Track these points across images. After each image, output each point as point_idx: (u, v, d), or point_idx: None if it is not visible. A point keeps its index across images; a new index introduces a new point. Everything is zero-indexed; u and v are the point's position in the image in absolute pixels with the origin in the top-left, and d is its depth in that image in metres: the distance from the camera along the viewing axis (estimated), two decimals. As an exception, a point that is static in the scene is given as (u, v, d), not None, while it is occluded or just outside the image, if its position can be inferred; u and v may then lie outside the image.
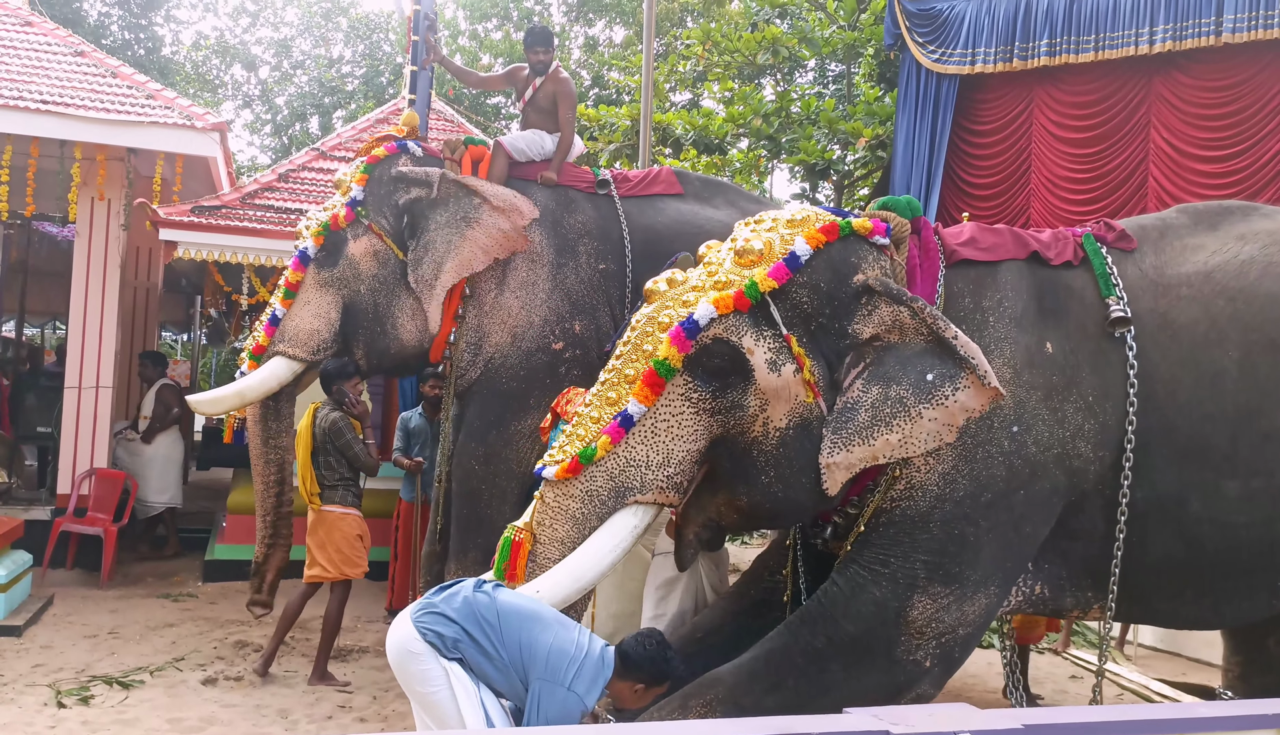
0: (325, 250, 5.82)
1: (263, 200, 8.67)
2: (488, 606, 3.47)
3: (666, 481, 3.79)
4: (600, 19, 21.87)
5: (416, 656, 3.46)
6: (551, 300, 5.91)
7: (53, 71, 8.53)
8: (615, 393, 3.84)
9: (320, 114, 23.29)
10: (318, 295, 5.83)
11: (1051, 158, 9.65)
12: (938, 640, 3.90)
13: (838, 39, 13.33)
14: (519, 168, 6.20)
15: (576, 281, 5.97)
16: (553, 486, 3.78)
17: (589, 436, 3.79)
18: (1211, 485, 4.07)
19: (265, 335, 5.78)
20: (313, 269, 5.83)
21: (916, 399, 3.67)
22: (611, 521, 3.76)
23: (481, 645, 3.43)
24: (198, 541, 9.21)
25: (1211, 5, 8.68)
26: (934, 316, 3.70)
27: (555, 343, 5.87)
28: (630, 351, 3.89)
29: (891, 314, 3.78)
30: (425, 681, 3.45)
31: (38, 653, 6.21)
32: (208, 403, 6.10)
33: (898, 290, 3.78)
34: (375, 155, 6.02)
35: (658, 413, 3.78)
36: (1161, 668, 7.11)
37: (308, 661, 6.27)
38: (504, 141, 6.20)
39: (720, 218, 6.14)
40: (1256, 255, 4.27)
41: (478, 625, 3.44)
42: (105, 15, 21.59)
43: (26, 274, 11.23)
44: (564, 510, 3.75)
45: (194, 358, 17.34)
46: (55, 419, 8.91)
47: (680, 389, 3.80)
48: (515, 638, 3.42)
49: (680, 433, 3.79)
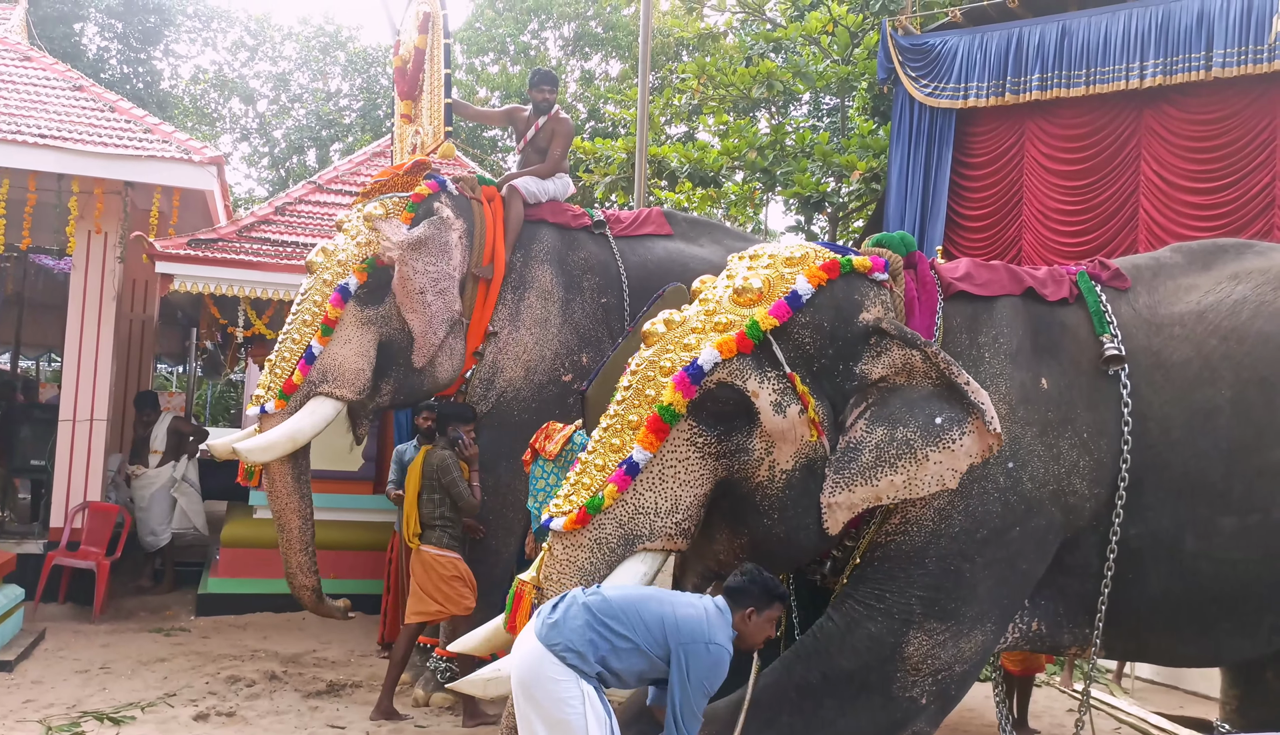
0: (368, 287, 5.78)
1: (259, 233, 8.69)
2: (606, 605, 3.49)
3: (675, 528, 3.77)
4: (596, 53, 22.06)
5: (556, 681, 3.40)
6: (562, 334, 6.18)
7: (51, 106, 8.58)
8: (619, 439, 3.80)
9: (318, 147, 23.42)
10: (359, 332, 5.77)
11: (1043, 190, 9.72)
12: (934, 677, 3.88)
13: (832, 73, 13.46)
14: (529, 209, 6.45)
15: (583, 316, 6.25)
16: (561, 539, 3.76)
17: (595, 485, 3.76)
18: (1207, 522, 4.07)
19: (301, 373, 5.66)
20: (353, 305, 5.75)
21: (924, 442, 3.66)
22: (621, 570, 3.74)
23: (615, 644, 3.43)
24: (190, 576, 9.16)
25: (1201, 40, 8.77)
26: (947, 361, 3.70)
27: (565, 375, 6.14)
28: (632, 397, 3.85)
29: (903, 357, 3.77)
30: (561, 705, 3.39)
31: (29, 688, 6.16)
32: (260, 449, 5.64)
33: (911, 334, 3.78)
34: (419, 194, 6.06)
35: (664, 459, 3.76)
36: (1159, 701, 7.07)
37: (301, 696, 6.22)
38: (518, 185, 6.44)
39: (705, 255, 6.54)
40: (1249, 295, 4.30)
41: (606, 625, 3.44)
42: (104, 49, 21.75)
43: (23, 306, 11.24)
44: (572, 562, 3.73)
45: (189, 390, 17.32)
46: (49, 452, 8.88)
47: (685, 434, 3.78)
48: (648, 618, 3.46)
49: (687, 478, 3.78)
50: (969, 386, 3.65)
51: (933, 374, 3.73)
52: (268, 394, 5.71)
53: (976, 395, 3.64)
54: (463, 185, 6.32)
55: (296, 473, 5.80)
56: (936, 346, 3.77)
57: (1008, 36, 9.77)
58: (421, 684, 6.18)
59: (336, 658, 7.17)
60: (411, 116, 7.09)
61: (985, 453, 3.66)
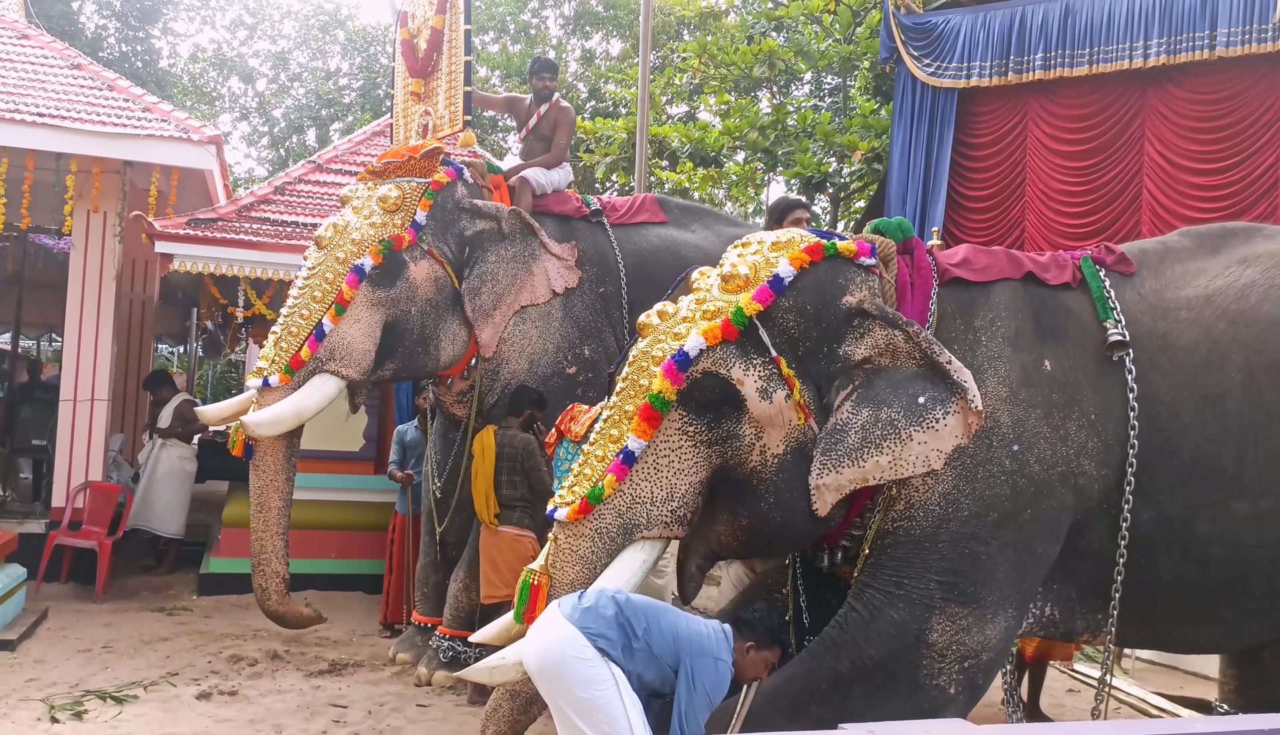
0: (382, 270, 5.78)
1: (259, 213, 8.66)
2: (630, 604, 3.57)
3: (671, 516, 3.83)
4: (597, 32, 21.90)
5: (585, 662, 3.42)
6: (564, 327, 6.25)
7: (49, 84, 8.54)
8: (617, 430, 3.88)
9: (317, 126, 23.31)
10: (368, 313, 5.75)
11: (1046, 171, 9.67)
12: (960, 664, 3.88)
13: (833, 52, 13.38)
14: (535, 200, 6.52)
15: (583, 308, 6.32)
16: (564, 528, 3.84)
17: (595, 475, 3.84)
18: (1220, 506, 4.05)
19: (309, 349, 5.61)
20: (366, 286, 5.73)
21: (908, 422, 3.68)
22: (621, 559, 3.81)
23: (633, 644, 3.49)
24: (193, 555, 9.18)
25: (1205, 19, 8.71)
26: (928, 341, 3.72)
27: (569, 367, 6.22)
28: (628, 387, 3.93)
29: (886, 337, 3.80)
30: (590, 685, 3.40)
31: (31, 667, 6.18)
32: (266, 423, 5.52)
33: (892, 314, 3.80)
34: (438, 181, 6.05)
35: (658, 448, 3.82)
36: (1159, 681, 7.10)
37: (303, 675, 6.25)
38: (529, 176, 6.52)
39: (697, 241, 6.71)
40: (1258, 279, 4.27)
41: (630, 623, 3.51)
42: (103, 27, 21.62)
43: (23, 286, 11.22)
44: (575, 552, 3.81)
45: (190, 370, 17.33)
46: (50, 431, 8.88)
47: (677, 424, 3.84)
48: (664, 627, 3.54)
49: (681, 466, 3.83)
50: (951, 365, 3.67)
51: (916, 354, 3.75)
52: (272, 367, 5.61)
53: (959, 374, 3.66)
54: (474, 172, 6.33)
55: (288, 451, 5.73)
56: (919, 327, 3.77)
57: (1010, 15, 9.70)
58: (424, 663, 6.21)
59: (338, 637, 7.19)
60: (421, 95, 7.03)
61: (969, 432, 3.67)
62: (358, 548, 8.50)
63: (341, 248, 5.78)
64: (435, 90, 6.88)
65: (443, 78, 6.78)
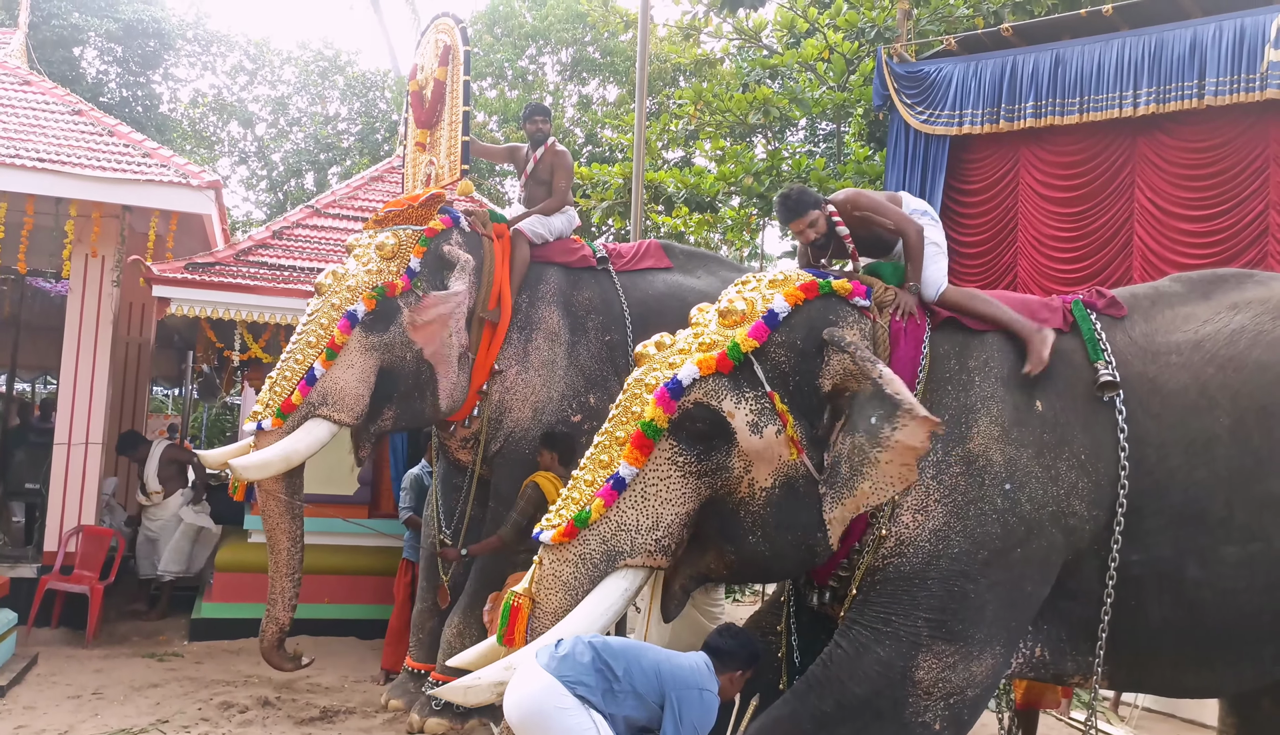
0: (375, 315, 5.81)
1: (256, 257, 8.70)
2: (608, 647, 3.63)
3: (655, 545, 3.84)
4: (594, 78, 22.16)
5: (565, 710, 3.46)
6: (569, 376, 6.30)
7: (50, 129, 8.61)
8: (608, 455, 3.93)
9: (316, 170, 23.47)
10: (362, 359, 5.78)
11: (1038, 217, 9.75)
12: (945, 701, 3.88)
13: (827, 99, 13.53)
14: (537, 250, 6.56)
15: (588, 356, 6.37)
16: (549, 551, 3.85)
17: (583, 500, 3.86)
18: (1209, 550, 4.05)
19: (300, 393, 5.66)
20: (359, 332, 5.77)
21: (870, 444, 3.74)
22: (603, 586, 3.81)
23: (613, 687, 3.53)
24: (184, 600, 9.12)
25: (1194, 69, 8.82)
26: (863, 358, 3.78)
27: (574, 416, 6.24)
28: (621, 414, 3.98)
29: (839, 362, 3.87)
30: (572, 733, 3.45)
31: (20, 714, 6.12)
32: (254, 467, 5.63)
33: (841, 338, 3.87)
34: (433, 228, 6.10)
35: (647, 477, 3.85)
36: (1157, 729, 7.05)
37: (294, 723, 6.19)
38: (523, 228, 6.56)
39: (702, 287, 6.67)
40: (1247, 324, 4.29)
41: (609, 666, 3.55)
42: (104, 73, 21.82)
43: (19, 328, 11.24)
44: (558, 578, 3.81)
45: (185, 413, 17.29)
46: (44, 475, 8.85)
47: (667, 453, 3.87)
48: (645, 665, 3.61)
49: (669, 496, 3.85)
50: (882, 378, 3.72)
51: (859, 376, 3.79)
52: (265, 411, 5.69)
53: (891, 385, 3.70)
54: (475, 220, 6.38)
55: (289, 493, 5.79)
56: (858, 346, 3.82)
57: (1002, 65, 9.83)
58: (417, 710, 6.15)
59: (330, 684, 7.13)
60: (426, 145, 7.14)
61: (927, 438, 3.68)
62: (353, 592, 8.45)
63: (337, 294, 5.84)
64: (438, 140, 6.98)
65: (445, 128, 6.88)
